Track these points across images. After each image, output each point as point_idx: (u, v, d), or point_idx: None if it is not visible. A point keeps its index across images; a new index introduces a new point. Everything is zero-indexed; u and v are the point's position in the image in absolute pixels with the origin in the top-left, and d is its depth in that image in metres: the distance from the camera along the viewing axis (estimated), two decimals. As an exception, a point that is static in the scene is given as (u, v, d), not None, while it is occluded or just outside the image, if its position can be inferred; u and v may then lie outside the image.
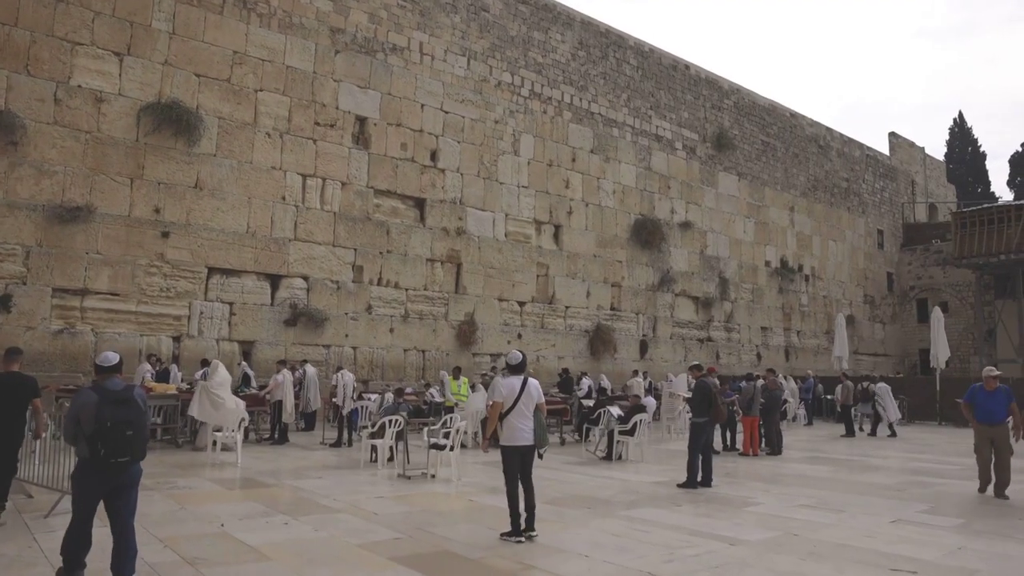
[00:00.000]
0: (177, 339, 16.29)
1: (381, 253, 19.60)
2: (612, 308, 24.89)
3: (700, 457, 9.01)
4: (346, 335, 18.82)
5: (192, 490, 7.84)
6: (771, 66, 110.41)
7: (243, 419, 10.00)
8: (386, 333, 19.53)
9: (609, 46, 26.14)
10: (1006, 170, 59.70)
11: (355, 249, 19.16)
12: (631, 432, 11.50)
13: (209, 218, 16.85)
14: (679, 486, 9.03)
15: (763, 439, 13.15)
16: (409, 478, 9.01)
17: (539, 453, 6.74)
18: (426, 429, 10.25)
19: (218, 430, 10.35)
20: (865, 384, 19.64)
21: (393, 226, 19.88)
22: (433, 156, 20.88)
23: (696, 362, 10.13)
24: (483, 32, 22.32)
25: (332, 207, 18.86)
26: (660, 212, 26.80)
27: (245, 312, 17.26)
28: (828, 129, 35.40)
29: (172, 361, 15.88)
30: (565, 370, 21.25)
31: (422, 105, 20.77)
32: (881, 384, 19.04)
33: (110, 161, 15.64)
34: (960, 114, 59.91)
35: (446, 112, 21.25)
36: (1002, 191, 59.55)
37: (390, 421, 9.89)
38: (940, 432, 19.79)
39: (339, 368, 14.00)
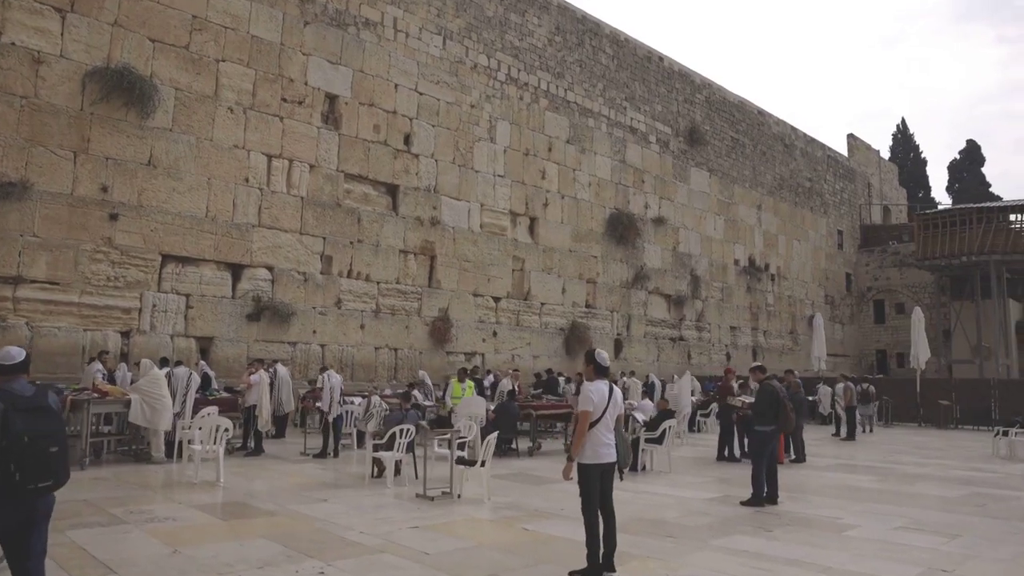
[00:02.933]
0: (126, 335, 14.47)
1: (351, 243, 18.07)
2: (587, 305, 23.89)
3: (765, 470, 7.99)
4: (314, 331, 17.23)
5: (177, 522, 6.31)
6: (728, 53, 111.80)
7: (226, 429, 8.49)
8: (356, 330, 18.02)
9: (585, 33, 25.12)
10: (945, 176, 61.46)
11: (324, 238, 17.59)
12: (659, 440, 10.42)
13: (164, 200, 15.05)
14: (743, 503, 7.98)
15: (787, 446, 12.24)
16: (432, 499, 7.67)
17: (620, 474, 5.55)
18: (436, 439, 8.92)
19: (191, 442, 8.79)
20: (865, 385, 19.13)
21: (364, 214, 18.37)
22: (407, 140, 19.45)
23: (758, 363, 9.09)
24: (459, 11, 20.97)
25: (299, 191, 17.24)
26: (634, 207, 25.94)
27: (203, 305, 15.52)
28: (793, 128, 35.27)
29: (121, 359, 14.04)
30: (548, 370, 20.09)
31: (396, 85, 19.30)
32: (841, 384, 18.39)
33: (50, 131, 13.72)
34: (903, 120, 61.38)
35: (421, 93, 19.84)
36: (941, 196, 61.26)
37: (401, 431, 8.52)
38: (926, 434, 19.43)
39: (324, 368, 12.48)
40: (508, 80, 22.22)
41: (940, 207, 49.01)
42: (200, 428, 8.79)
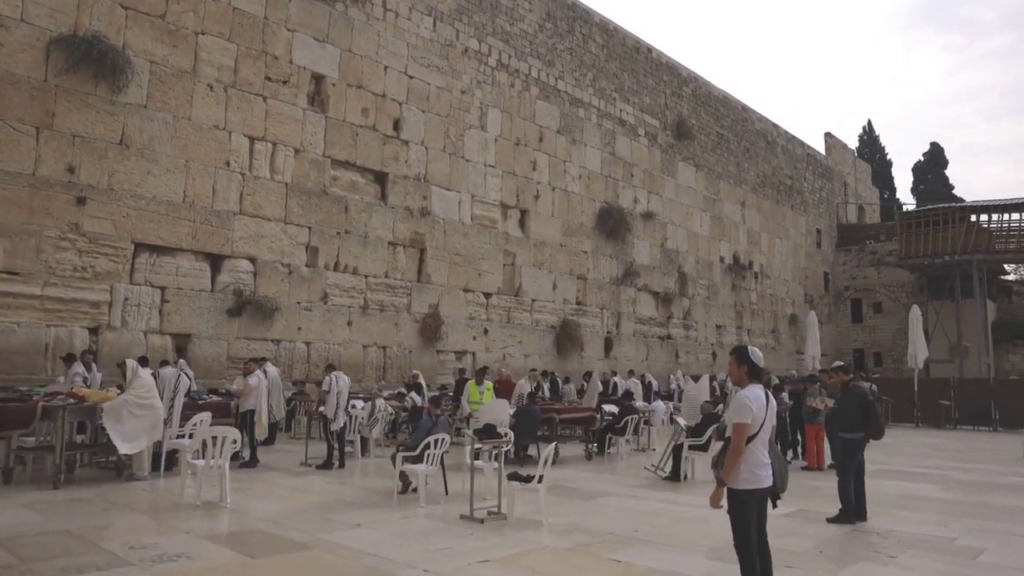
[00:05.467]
0: (95, 331, 13.07)
1: (338, 233, 16.87)
2: (578, 302, 23.01)
3: (853, 483, 7.15)
4: (298, 328, 16.00)
5: (194, 561, 5.10)
6: (701, 44, 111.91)
7: (233, 441, 7.30)
8: (343, 326, 16.82)
9: (575, 20, 24.24)
10: (910, 178, 62.19)
11: (309, 228, 16.36)
12: (705, 447, 9.56)
13: (137, 183, 13.68)
14: (831, 520, 7.12)
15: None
16: (482, 522, 6.64)
17: (774, 501, 4.58)
18: (468, 448, 7.88)
19: (193, 456, 7.58)
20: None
21: (352, 203, 17.18)
22: (396, 125, 18.30)
23: (839, 362, 8.22)
24: (450, -9, 19.87)
25: (284, 177, 15.99)
26: (624, 201, 25.15)
27: (180, 299, 14.18)
28: (775, 125, 34.94)
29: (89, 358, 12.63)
30: (545, 371, 19.09)
31: (385, 67, 18.14)
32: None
33: (8, 104, 12.27)
34: (869, 122, 62.02)
35: (410, 77, 18.70)
36: (906, 198, 61.93)
37: (435, 441, 7.46)
38: (930, 434, 18.99)
39: (329, 368, 11.27)
40: (499, 66, 21.21)
41: (905, 207, 49.51)
42: (191, 437, 7.58)
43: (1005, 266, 37.27)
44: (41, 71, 12.62)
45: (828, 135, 40.95)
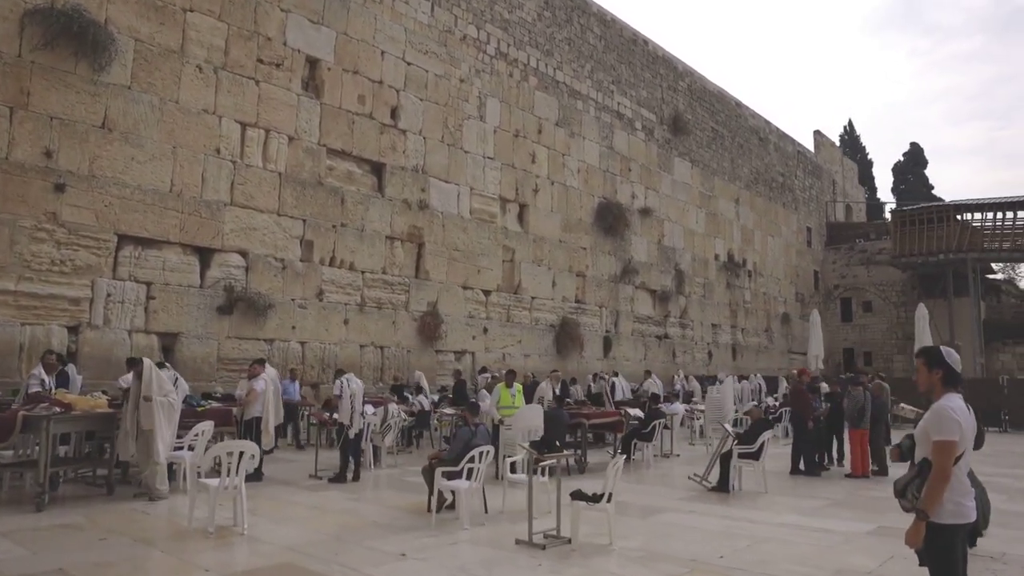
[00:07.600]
0: (74, 329, 12.02)
1: (334, 227, 15.93)
2: (577, 300, 22.26)
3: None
4: (293, 327, 15.03)
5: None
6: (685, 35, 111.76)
7: (252, 456, 6.35)
8: (340, 325, 15.88)
9: (573, 10, 23.48)
10: (890, 178, 62.52)
11: (304, 220, 15.40)
12: (756, 455, 8.83)
13: (121, 170, 12.63)
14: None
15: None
16: (543, 548, 5.82)
17: (974, 538, 3.80)
18: (508, 461, 7.05)
19: (199, 473, 6.63)
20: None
21: (348, 194, 16.24)
22: (393, 114, 17.39)
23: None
24: (448, -26, 18.98)
25: (277, 166, 15.01)
26: (622, 196, 24.45)
27: (167, 295, 13.14)
28: (767, 122, 34.51)
29: (68, 359, 11.56)
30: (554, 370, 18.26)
31: (382, 52, 17.21)
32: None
33: (-20, 81, 11.19)
34: (850, 121, 62.16)
35: (408, 63, 17.79)
36: (886, 197, 62.20)
37: (479, 455, 6.61)
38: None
39: (340, 372, 10.31)
40: (498, 55, 20.37)
41: (887, 206, 49.63)
42: (193, 449, 6.65)
43: (992, 265, 37.28)
44: (15, 46, 11.54)
45: (817, 133, 40.71)
